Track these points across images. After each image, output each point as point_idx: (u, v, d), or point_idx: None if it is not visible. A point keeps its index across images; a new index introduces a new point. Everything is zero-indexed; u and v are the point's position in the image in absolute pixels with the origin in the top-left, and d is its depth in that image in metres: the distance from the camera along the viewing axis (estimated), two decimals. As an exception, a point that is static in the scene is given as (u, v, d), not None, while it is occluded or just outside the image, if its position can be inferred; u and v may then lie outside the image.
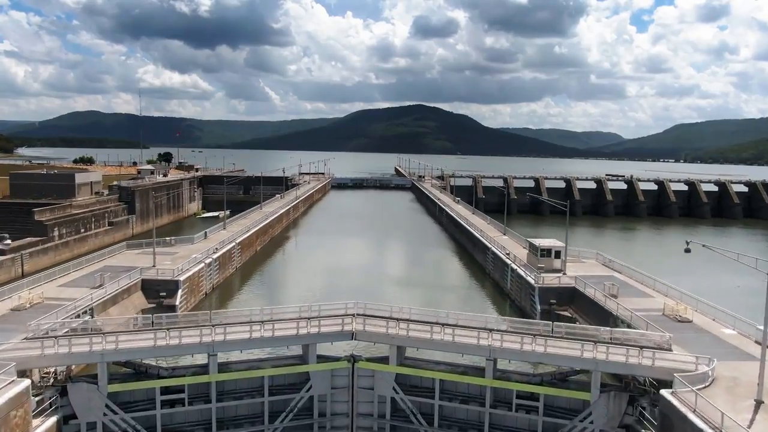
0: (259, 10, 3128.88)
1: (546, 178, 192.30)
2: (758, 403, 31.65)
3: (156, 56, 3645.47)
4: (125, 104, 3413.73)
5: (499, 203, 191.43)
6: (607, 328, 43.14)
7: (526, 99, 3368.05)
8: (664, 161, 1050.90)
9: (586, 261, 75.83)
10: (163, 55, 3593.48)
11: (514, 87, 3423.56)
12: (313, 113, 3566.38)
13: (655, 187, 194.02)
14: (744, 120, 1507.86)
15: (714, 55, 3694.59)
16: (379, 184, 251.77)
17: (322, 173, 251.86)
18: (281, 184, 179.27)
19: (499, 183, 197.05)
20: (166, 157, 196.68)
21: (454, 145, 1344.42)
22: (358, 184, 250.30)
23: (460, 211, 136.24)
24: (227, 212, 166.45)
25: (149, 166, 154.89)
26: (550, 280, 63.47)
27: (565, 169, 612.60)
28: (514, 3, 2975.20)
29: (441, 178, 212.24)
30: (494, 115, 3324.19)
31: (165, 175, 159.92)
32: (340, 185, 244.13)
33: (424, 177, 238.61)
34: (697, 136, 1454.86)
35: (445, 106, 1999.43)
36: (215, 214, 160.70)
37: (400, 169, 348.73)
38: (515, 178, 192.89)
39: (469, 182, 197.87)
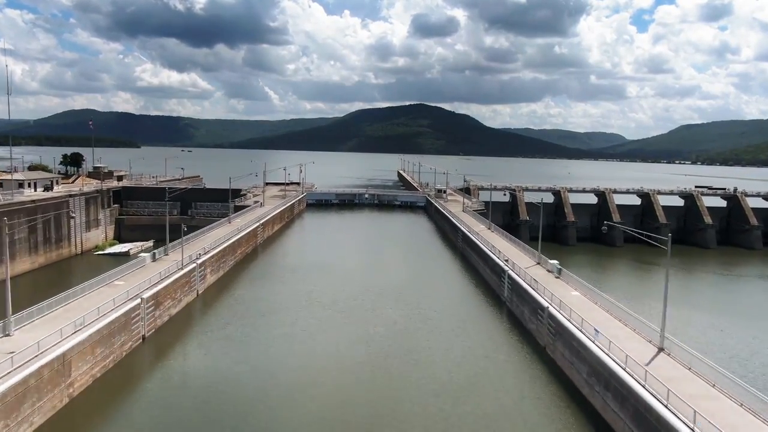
0: (255, 9, 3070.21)
1: (615, 192, 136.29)
2: None
3: (154, 55, 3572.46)
4: (124, 103, 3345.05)
5: (547, 226, 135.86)
6: None
7: (526, 99, 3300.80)
8: (679, 163, 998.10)
9: None
10: (161, 53, 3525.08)
11: (514, 87, 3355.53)
12: (313, 113, 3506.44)
13: (765, 204, 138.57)
14: (750, 121, 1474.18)
15: (715, 55, 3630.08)
16: (378, 201, 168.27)
17: (297, 183, 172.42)
18: (234, 198, 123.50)
19: (547, 197, 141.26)
20: (74, 159, 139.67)
21: (455, 145, 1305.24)
22: (347, 202, 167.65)
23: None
24: (150, 244, 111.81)
25: (19, 175, 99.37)
26: None
27: (586, 172, 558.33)
28: (513, 1, 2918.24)
29: (467, 191, 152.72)
30: (494, 116, 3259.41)
31: (47, 189, 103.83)
32: (321, 204, 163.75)
33: (445, 191, 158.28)
34: (703, 137, 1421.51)
35: (446, 106, 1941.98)
36: (129, 247, 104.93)
37: (405, 176, 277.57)
38: (571, 191, 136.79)
39: (502, 195, 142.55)
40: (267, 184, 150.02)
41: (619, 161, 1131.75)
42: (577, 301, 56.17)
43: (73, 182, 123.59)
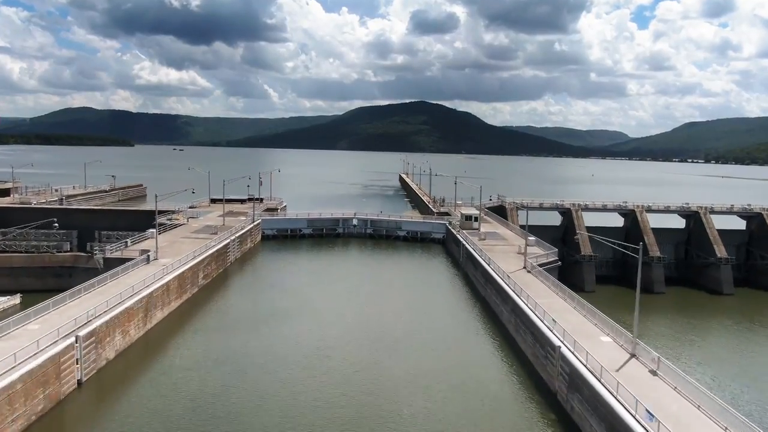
0: (252, 6, 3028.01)
1: (712, 212, 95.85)
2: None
3: (152, 53, 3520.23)
4: (123, 101, 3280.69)
5: (616, 263, 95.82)
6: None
7: (527, 97, 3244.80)
8: (692, 162, 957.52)
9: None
10: (159, 51, 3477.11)
11: (515, 85, 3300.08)
12: (312, 111, 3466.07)
13: None
14: (755, 119, 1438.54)
15: (716, 52, 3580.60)
16: (373, 231, 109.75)
17: (259, 199, 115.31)
18: (153, 223, 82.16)
19: (613, 218, 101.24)
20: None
21: (457, 143, 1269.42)
22: (326, 233, 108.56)
23: None
24: (16, 300, 71.67)
25: None
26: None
27: (610, 174, 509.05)
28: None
29: (500, 210, 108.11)
30: (494, 113, 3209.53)
31: None
32: (285, 235, 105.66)
33: (477, 218, 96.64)
34: (707, 135, 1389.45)
35: (447, 104, 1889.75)
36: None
37: (410, 184, 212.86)
38: (650, 210, 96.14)
39: (549, 216, 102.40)
40: (214, 201, 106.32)
41: (628, 159, 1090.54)
42: None
43: None
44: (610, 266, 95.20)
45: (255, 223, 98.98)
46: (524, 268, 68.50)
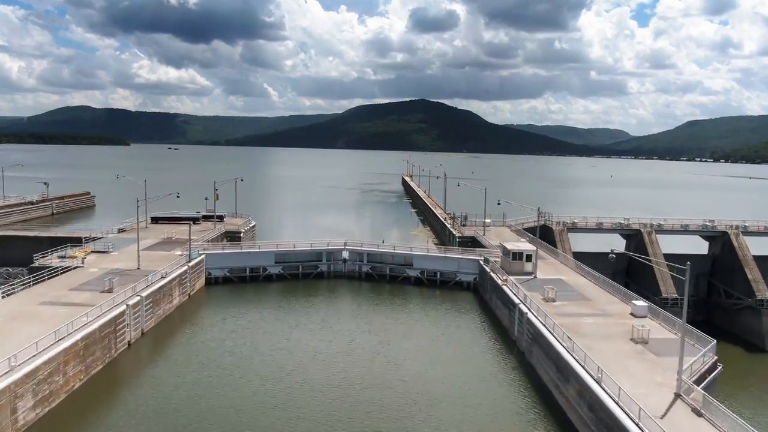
0: (250, 3, 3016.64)
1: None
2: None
3: (151, 51, 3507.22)
4: (123, 100, 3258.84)
5: (698, 304, 71.66)
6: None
7: (527, 95, 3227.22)
8: (701, 161, 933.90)
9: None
10: (157, 50, 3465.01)
11: (515, 83, 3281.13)
12: (312, 109, 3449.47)
13: None
14: (758, 117, 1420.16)
15: (717, 50, 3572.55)
16: (371, 269, 74.30)
17: (218, 217, 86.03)
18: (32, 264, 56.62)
19: (695, 241, 77.65)
20: None
21: (458, 142, 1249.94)
22: (302, 273, 72.88)
23: None
24: None
25: None
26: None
27: (628, 174, 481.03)
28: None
29: (544, 233, 75.77)
30: (495, 112, 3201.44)
31: None
32: (242, 278, 69.96)
33: (529, 258, 60.60)
34: (710, 133, 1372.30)
35: (447, 102, 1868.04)
36: None
37: (414, 188, 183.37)
38: (746, 232, 72.30)
39: (607, 239, 78.94)
40: (156, 220, 78.87)
41: (633, 158, 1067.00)
42: None
43: None
44: (692, 308, 71.56)
45: (194, 260, 62.59)
46: (677, 394, 32.90)
